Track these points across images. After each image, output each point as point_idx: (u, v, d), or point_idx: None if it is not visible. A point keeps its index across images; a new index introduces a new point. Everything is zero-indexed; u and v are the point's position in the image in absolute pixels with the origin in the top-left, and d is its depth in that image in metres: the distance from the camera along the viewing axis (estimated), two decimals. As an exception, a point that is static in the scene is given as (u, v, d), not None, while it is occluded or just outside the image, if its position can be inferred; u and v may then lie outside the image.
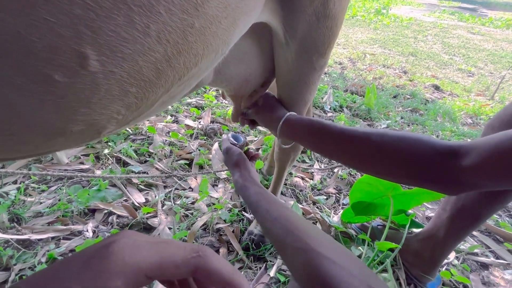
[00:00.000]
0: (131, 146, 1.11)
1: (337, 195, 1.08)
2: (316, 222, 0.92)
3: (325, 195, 1.06)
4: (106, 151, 1.07)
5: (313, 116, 1.33)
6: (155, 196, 0.93)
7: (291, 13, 0.47)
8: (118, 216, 0.85)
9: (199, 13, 0.26)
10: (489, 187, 0.35)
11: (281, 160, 0.76)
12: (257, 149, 1.22)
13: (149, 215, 0.86)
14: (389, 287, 0.68)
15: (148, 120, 1.32)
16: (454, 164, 0.36)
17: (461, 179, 0.36)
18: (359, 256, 0.75)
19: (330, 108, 1.73)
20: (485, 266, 0.86)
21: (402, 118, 1.85)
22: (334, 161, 1.27)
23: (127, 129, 1.22)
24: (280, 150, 0.74)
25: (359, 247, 0.82)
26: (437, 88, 2.70)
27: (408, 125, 1.76)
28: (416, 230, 0.86)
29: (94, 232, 0.79)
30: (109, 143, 1.12)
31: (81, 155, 1.06)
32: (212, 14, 0.28)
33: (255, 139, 1.26)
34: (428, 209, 1.07)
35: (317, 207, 1.00)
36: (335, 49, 3.52)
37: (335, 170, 1.20)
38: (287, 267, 0.39)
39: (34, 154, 0.29)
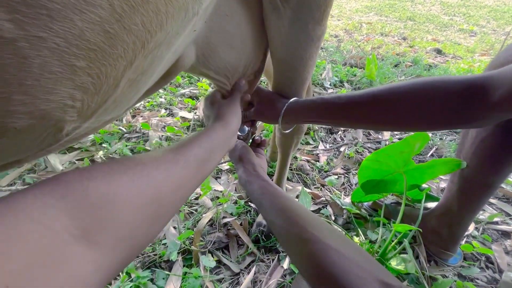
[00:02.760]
0: (126, 146, 1.06)
1: (346, 175, 1.03)
2: (327, 205, 0.88)
3: (333, 176, 1.02)
4: (101, 153, 1.03)
5: (313, 95, 1.27)
6: (157, 195, 0.89)
7: None
8: (120, 220, 0.82)
9: None
10: None
11: (284, 145, 0.70)
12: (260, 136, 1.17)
13: (152, 216, 0.83)
14: (410, 268, 0.65)
15: (141, 116, 1.26)
16: (483, 100, 0.35)
17: (490, 113, 0.36)
18: (376, 240, 0.72)
19: (330, 84, 1.65)
20: (506, 234, 0.83)
21: (405, 87, 1.77)
22: (339, 140, 1.22)
23: (120, 127, 1.16)
24: (281, 135, 0.69)
25: (376, 230, 0.78)
26: (439, 52, 2.58)
27: (413, 94, 1.69)
28: (431, 204, 0.82)
29: (97, 239, 0.76)
30: (103, 144, 1.07)
31: (76, 160, 1.01)
32: None
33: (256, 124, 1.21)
34: (442, 180, 1.03)
35: (327, 190, 0.96)
36: (329, 22, 3.36)
37: (341, 149, 1.15)
38: (291, 259, 0.38)
39: None
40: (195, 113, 1.29)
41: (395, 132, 1.28)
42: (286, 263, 0.69)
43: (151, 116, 1.26)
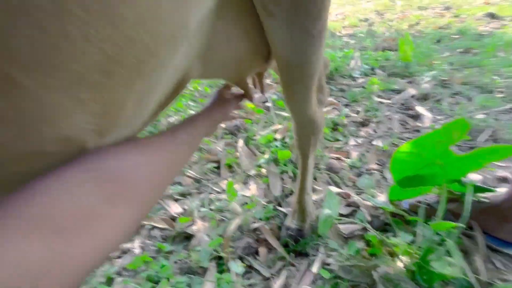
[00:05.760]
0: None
1: (380, 170, 0.96)
2: (359, 206, 0.83)
3: (366, 173, 0.96)
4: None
5: (329, 94, 1.22)
6: (191, 204, 0.94)
7: None
8: (161, 229, 0.89)
9: (125, 1, 0.22)
10: None
11: (302, 146, 0.69)
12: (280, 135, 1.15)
13: (187, 224, 0.88)
14: (455, 272, 0.58)
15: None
16: None
17: None
18: (412, 242, 0.65)
19: (360, 74, 1.55)
20: None
21: (451, 64, 1.57)
22: (372, 132, 1.14)
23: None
24: (297, 135, 0.68)
25: (415, 229, 0.72)
26: (492, 16, 2.24)
27: (460, 71, 1.49)
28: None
29: (141, 248, 0.84)
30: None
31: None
32: None
33: (280, 126, 1.20)
34: (501, 168, 0.89)
35: (359, 188, 0.90)
36: (357, 6, 3.16)
37: (374, 142, 1.07)
38: None
39: None
40: (223, 121, 1.34)
41: (438, 117, 1.15)
42: (315, 268, 0.68)
43: (183, 129, 1.34)
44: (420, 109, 1.22)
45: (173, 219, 0.90)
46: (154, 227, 0.89)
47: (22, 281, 0.17)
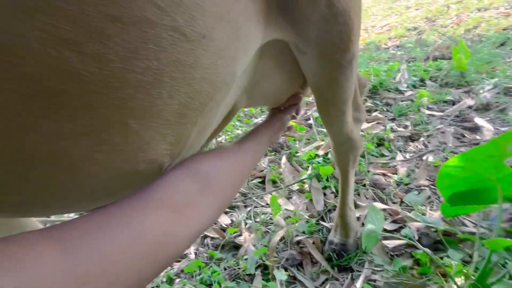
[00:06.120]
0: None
1: (432, 186, 0.91)
2: (406, 223, 0.81)
3: (416, 190, 0.92)
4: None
5: (374, 110, 1.21)
6: (238, 216, 1.03)
7: (296, 24, 0.47)
8: (212, 238, 0.99)
9: (195, 68, 0.32)
10: None
11: (341, 163, 0.72)
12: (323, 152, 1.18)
13: (235, 234, 0.96)
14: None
15: (224, 148, 1.49)
16: None
17: None
18: (466, 262, 0.61)
19: (407, 86, 1.50)
20: None
21: (517, 69, 1.41)
22: (423, 147, 1.09)
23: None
24: (336, 153, 0.71)
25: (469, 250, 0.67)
26: None
27: (530, 76, 1.33)
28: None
29: (195, 254, 0.95)
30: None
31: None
32: (207, 63, 0.33)
33: (322, 143, 1.23)
34: None
35: (407, 205, 0.87)
36: (404, 15, 3.04)
37: (424, 157, 1.03)
38: None
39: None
40: (267, 139, 1.42)
41: (502, 129, 1.05)
42: (359, 283, 0.68)
43: (231, 147, 1.47)
44: (479, 120, 1.13)
45: (223, 229, 0.99)
46: (206, 236, 0.99)
47: (156, 242, 0.26)
